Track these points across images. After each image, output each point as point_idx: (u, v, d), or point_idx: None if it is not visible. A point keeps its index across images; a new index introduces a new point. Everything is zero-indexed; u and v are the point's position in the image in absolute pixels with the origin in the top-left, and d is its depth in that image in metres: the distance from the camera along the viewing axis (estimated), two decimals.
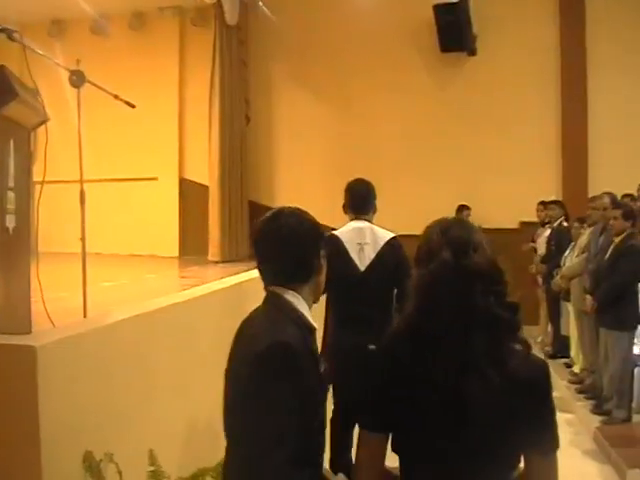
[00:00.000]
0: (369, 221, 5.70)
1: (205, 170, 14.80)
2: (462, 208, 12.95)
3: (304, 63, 14.73)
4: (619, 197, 9.20)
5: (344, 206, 5.84)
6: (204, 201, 14.74)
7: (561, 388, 9.78)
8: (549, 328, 11.86)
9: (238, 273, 6.73)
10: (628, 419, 7.97)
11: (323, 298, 5.07)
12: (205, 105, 14.69)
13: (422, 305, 2.36)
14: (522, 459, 2.37)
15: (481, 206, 10.51)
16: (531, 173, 13.86)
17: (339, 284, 5.09)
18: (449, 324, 2.29)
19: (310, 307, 2.75)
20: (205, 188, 14.81)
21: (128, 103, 6.77)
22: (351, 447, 5.24)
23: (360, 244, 5.52)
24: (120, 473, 3.38)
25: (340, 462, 5.05)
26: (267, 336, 2.47)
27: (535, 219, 12.67)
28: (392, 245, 5.50)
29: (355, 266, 5.47)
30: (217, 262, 14.22)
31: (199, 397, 3.04)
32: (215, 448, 3.69)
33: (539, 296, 12.32)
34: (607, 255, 8.21)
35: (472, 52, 14.10)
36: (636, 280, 8.03)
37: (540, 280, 11.92)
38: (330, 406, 4.94)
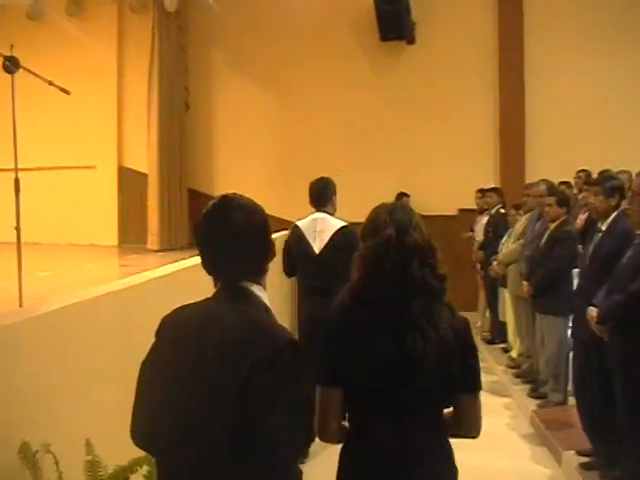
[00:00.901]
0: (328, 213, 6.74)
1: (144, 158, 14.72)
2: (401, 196, 13.03)
3: (244, 50, 14.67)
4: (556, 184, 9.33)
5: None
6: (143, 189, 14.65)
7: (499, 373, 9.92)
8: (487, 314, 11.99)
9: (177, 261, 6.70)
10: (564, 402, 8.09)
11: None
12: (144, 92, 14.59)
13: (367, 272, 2.80)
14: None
15: (420, 194, 10.61)
16: (469, 161, 14.01)
17: (302, 264, 6.71)
18: (390, 290, 2.73)
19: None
20: (144, 176, 14.71)
21: (63, 90, 6.71)
22: None
23: (316, 231, 6.67)
24: (57, 463, 3.35)
25: None
26: (276, 337, 2.35)
27: (474, 206, 12.81)
28: (343, 232, 6.49)
29: (312, 249, 6.62)
30: (156, 251, 14.15)
31: (133, 385, 3.03)
32: None
33: (478, 282, 12.45)
34: (543, 241, 8.32)
35: (411, 41, 14.19)
36: (571, 266, 8.14)
37: (478, 266, 12.05)
38: None
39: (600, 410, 5.88)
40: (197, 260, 2.70)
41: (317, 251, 6.63)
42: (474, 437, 2.93)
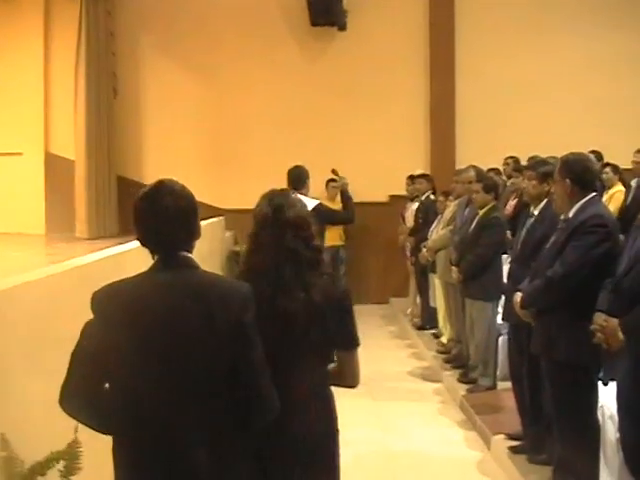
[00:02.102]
0: (303, 194, 7.24)
1: (71, 145, 14.46)
2: (330, 181, 12.98)
3: (173, 34, 14.45)
4: (485, 171, 9.39)
5: None
6: (70, 176, 14.39)
7: (429, 358, 10.00)
8: (418, 300, 12.05)
9: (103, 249, 6.58)
10: (493, 387, 8.18)
11: None
12: (71, 77, 14.33)
13: (251, 246, 3.33)
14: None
15: (350, 180, 10.57)
16: (400, 147, 14.08)
17: None
18: (267, 259, 3.22)
19: None
20: (71, 163, 14.45)
21: None
22: None
23: None
24: None
25: None
26: (241, 286, 2.96)
27: (404, 193, 12.86)
28: (317, 209, 7.09)
29: None
30: (85, 239, 13.93)
31: (57, 378, 2.95)
32: (70, 431, 3.61)
33: (408, 269, 12.52)
34: (472, 227, 8.38)
35: (342, 27, 14.16)
36: (499, 251, 8.22)
37: (408, 253, 12.11)
38: None
39: (529, 394, 5.95)
40: (123, 248, 2.77)
41: None
42: (353, 387, 3.37)
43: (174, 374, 2.79)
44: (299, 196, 7.35)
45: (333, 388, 3.37)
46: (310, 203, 7.39)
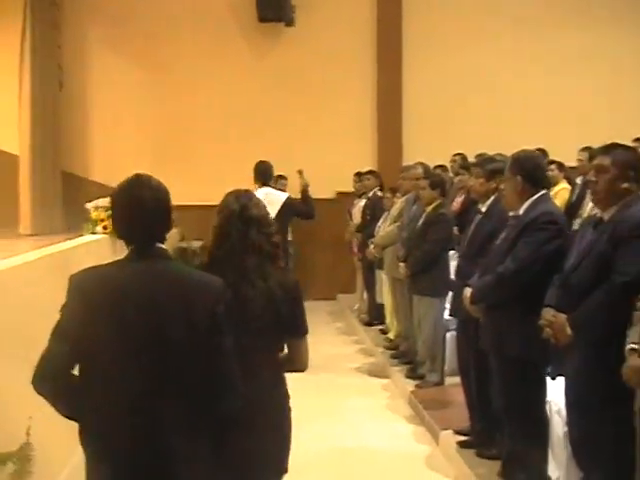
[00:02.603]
0: (273, 187, 8.77)
1: (15, 139, 14.21)
2: (278, 178, 12.95)
3: (120, 27, 14.27)
4: (431, 168, 9.45)
5: None
6: (14, 172, 14.16)
7: (377, 354, 10.03)
8: (365, 296, 12.09)
9: (46, 246, 6.51)
10: (441, 382, 8.24)
11: None
12: (15, 71, 14.08)
13: (217, 238, 3.66)
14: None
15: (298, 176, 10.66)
16: (347, 144, 14.11)
17: None
18: (233, 251, 3.59)
19: None
20: (15, 158, 14.22)
21: None
22: None
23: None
24: None
25: None
26: (215, 279, 3.16)
27: (352, 189, 12.90)
28: (287, 202, 8.50)
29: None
30: (29, 235, 13.73)
31: (7, 379, 2.89)
32: (19, 432, 3.55)
33: (355, 265, 12.56)
34: (419, 224, 8.43)
35: (290, 23, 14.13)
36: (446, 248, 8.29)
37: (355, 249, 12.15)
38: None
39: (478, 389, 6.00)
40: (67, 245, 2.75)
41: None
42: (302, 371, 3.73)
43: (150, 359, 2.94)
44: (269, 189, 8.29)
45: None
46: (282, 195, 9.06)
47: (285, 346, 3.70)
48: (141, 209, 3.08)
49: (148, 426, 2.92)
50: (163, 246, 3.16)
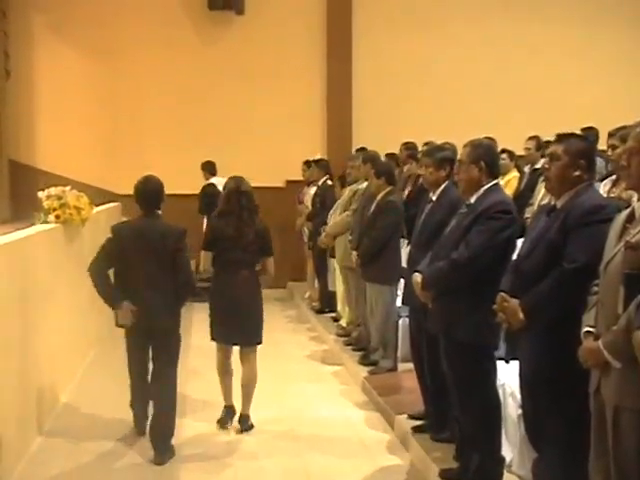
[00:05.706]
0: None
1: None
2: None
3: (67, 14, 14.04)
4: (379, 156, 9.49)
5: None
6: None
7: (329, 342, 10.10)
8: (316, 284, 12.15)
9: None
10: (394, 368, 8.33)
11: None
12: None
13: (224, 203, 6.74)
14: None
15: (247, 165, 10.61)
16: (297, 132, 14.14)
17: None
18: (233, 209, 6.65)
19: None
20: None
21: None
22: None
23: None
24: None
25: None
26: (179, 227, 6.30)
27: (301, 178, 12.93)
28: None
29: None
30: None
31: None
32: None
33: (305, 253, 12.61)
34: (370, 212, 8.51)
35: (240, 11, 14.11)
36: (396, 234, 8.36)
37: (306, 238, 12.20)
38: None
39: (430, 374, 6.09)
40: (21, 234, 2.73)
41: None
42: (271, 278, 6.88)
43: (148, 264, 6.10)
44: (220, 178, 10.26)
45: None
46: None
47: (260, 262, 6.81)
48: (147, 192, 6.29)
49: (149, 295, 6.08)
50: (159, 211, 6.37)
